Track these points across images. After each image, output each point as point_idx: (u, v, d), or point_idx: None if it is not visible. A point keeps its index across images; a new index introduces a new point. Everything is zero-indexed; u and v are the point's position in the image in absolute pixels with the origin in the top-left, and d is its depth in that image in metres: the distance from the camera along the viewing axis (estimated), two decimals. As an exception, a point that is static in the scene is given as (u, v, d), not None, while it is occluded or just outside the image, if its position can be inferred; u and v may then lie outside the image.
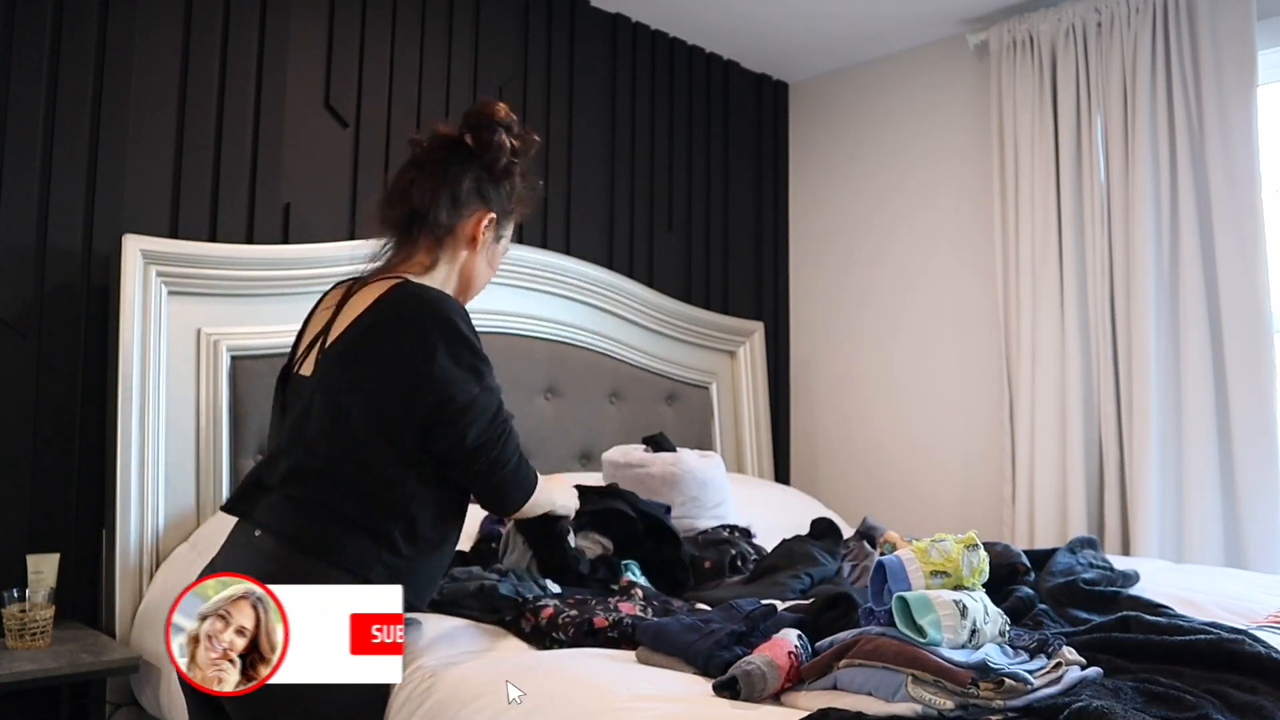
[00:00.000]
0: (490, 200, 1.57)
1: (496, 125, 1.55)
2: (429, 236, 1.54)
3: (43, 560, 2.16)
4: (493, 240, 1.60)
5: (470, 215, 1.56)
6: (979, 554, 1.33)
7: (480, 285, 1.64)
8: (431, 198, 1.53)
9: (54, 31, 2.32)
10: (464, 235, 1.56)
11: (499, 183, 1.58)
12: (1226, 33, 2.85)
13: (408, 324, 1.41)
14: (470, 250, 1.58)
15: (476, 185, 1.56)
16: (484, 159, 1.56)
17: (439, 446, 1.43)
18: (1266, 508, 2.73)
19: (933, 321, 3.61)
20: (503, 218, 1.61)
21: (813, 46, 3.75)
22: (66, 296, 2.32)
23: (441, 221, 1.53)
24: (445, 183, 1.53)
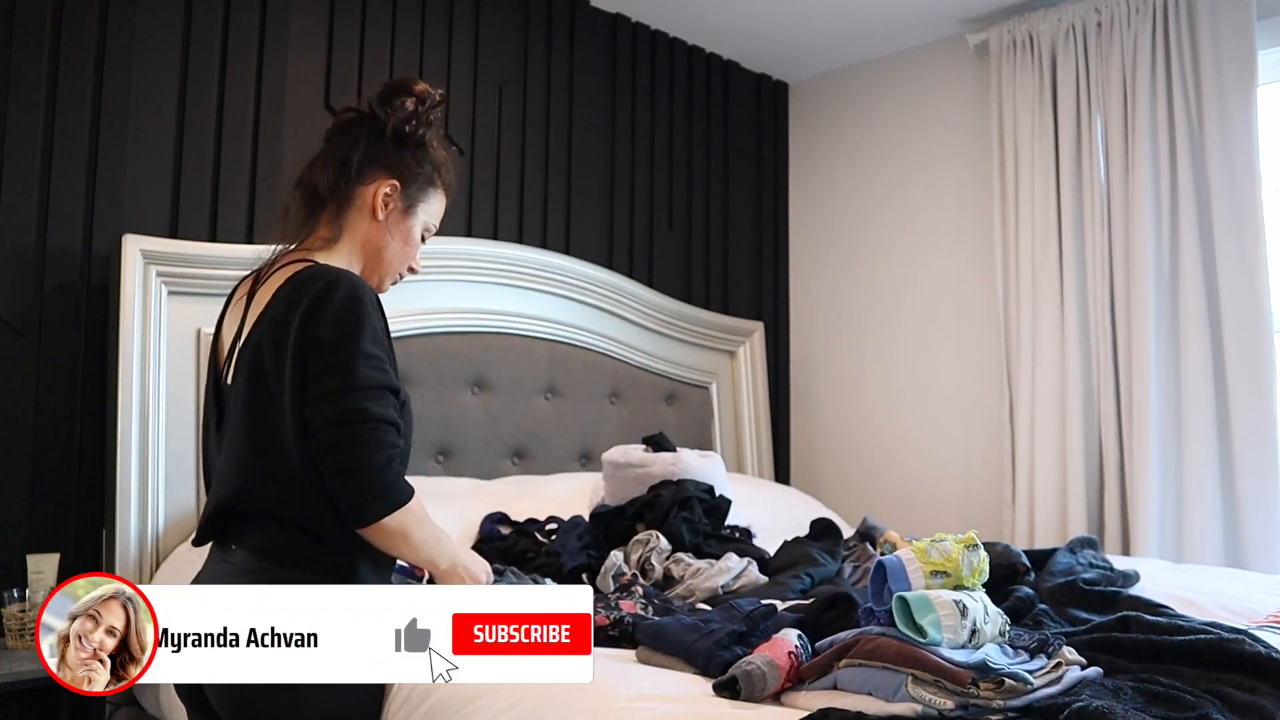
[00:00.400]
0: (391, 165, 1.46)
1: (407, 95, 1.47)
2: (328, 210, 1.45)
3: (43, 560, 2.16)
4: (401, 211, 1.47)
5: (369, 183, 1.45)
6: (979, 554, 1.33)
7: (394, 264, 1.50)
8: (324, 167, 1.45)
9: (54, 31, 2.32)
10: (363, 205, 1.45)
11: (401, 148, 1.47)
12: (1226, 33, 2.85)
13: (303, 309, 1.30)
14: (374, 221, 1.46)
15: (374, 151, 1.45)
16: (384, 124, 1.45)
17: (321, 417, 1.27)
18: (1266, 508, 2.73)
19: (933, 321, 3.61)
20: (412, 187, 1.48)
21: (813, 46, 3.75)
22: (66, 296, 2.32)
23: (331, 188, 1.44)
24: (340, 150, 1.45)
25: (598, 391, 3.21)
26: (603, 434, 3.17)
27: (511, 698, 1.30)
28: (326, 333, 1.29)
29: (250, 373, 1.33)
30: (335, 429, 1.27)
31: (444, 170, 1.53)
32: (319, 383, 1.28)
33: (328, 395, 1.28)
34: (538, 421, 3.03)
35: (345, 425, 1.27)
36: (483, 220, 3.08)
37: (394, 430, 1.31)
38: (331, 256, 1.44)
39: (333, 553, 1.33)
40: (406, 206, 1.48)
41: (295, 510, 1.32)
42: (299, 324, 1.30)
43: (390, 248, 1.48)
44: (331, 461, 1.27)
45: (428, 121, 1.49)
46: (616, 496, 2.47)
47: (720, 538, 2.30)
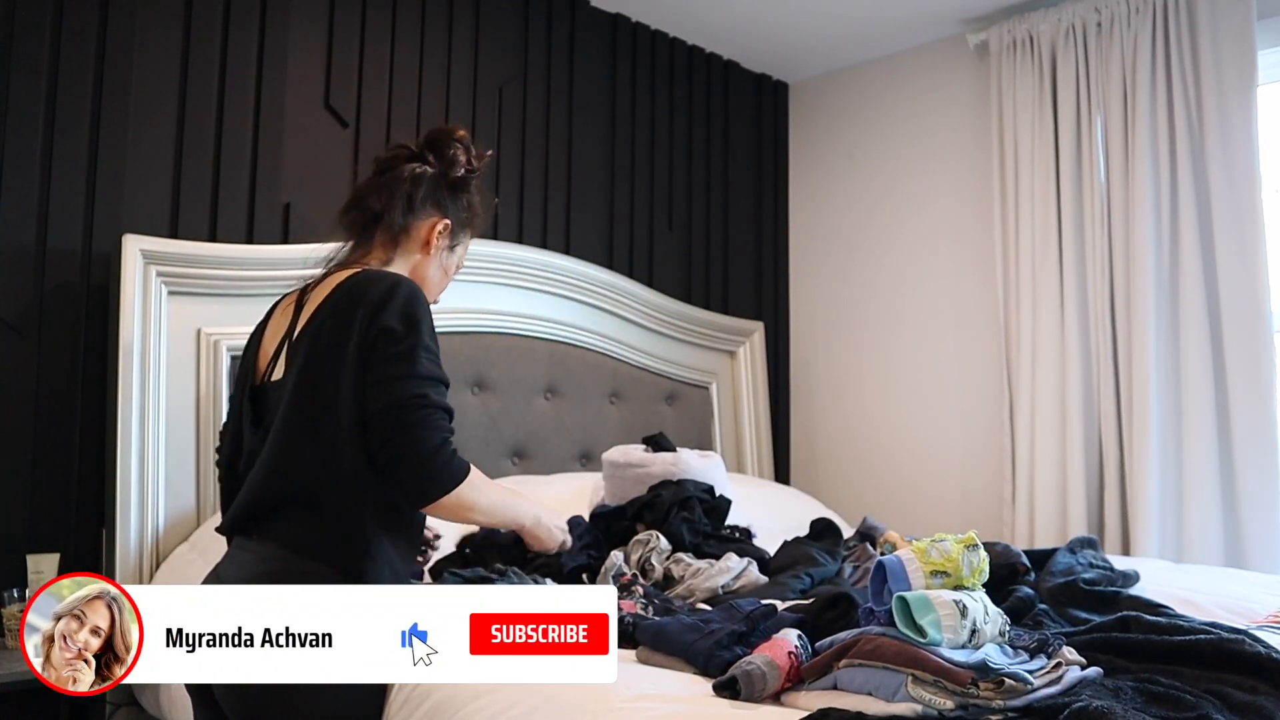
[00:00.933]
0: (446, 209, 1.62)
1: (454, 142, 1.63)
2: (385, 235, 1.59)
3: (43, 560, 2.16)
4: (446, 248, 1.64)
5: (425, 219, 1.61)
6: (979, 554, 1.33)
7: (432, 291, 1.65)
8: (388, 200, 1.58)
9: (54, 31, 2.32)
10: (418, 238, 1.60)
11: (455, 193, 1.63)
12: (1226, 33, 2.85)
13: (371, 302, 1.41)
14: (424, 254, 1.61)
15: (433, 193, 1.61)
16: (440, 169, 1.61)
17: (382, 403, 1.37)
18: (1266, 508, 2.73)
19: (933, 321, 3.61)
20: (457, 228, 1.65)
21: (813, 46, 3.75)
22: (66, 296, 2.32)
23: (397, 221, 1.58)
24: (402, 187, 1.58)
25: (598, 391, 3.21)
26: (603, 434, 3.16)
27: (512, 698, 1.30)
28: (393, 324, 1.39)
29: (306, 362, 1.41)
30: (395, 413, 1.36)
31: (479, 217, 1.70)
32: (381, 369, 1.37)
33: (389, 381, 1.37)
34: (538, 421, 3.03)
35: (404, 410, 1.36)
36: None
37: (448, 416, 1.41)
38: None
39: (357, 546, 1.38)
40: (451, 245, 1.65)
41: (334, 497, 1.38)
42: (366, 314, 1.39)
43: (432, 278, 1.64)
44: (391, 446, 1.36)
45: (476, 170, 1.66)
46: (616, 496, 2.47)
47: (720, 538, 2.30)
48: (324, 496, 1.38)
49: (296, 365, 1.42)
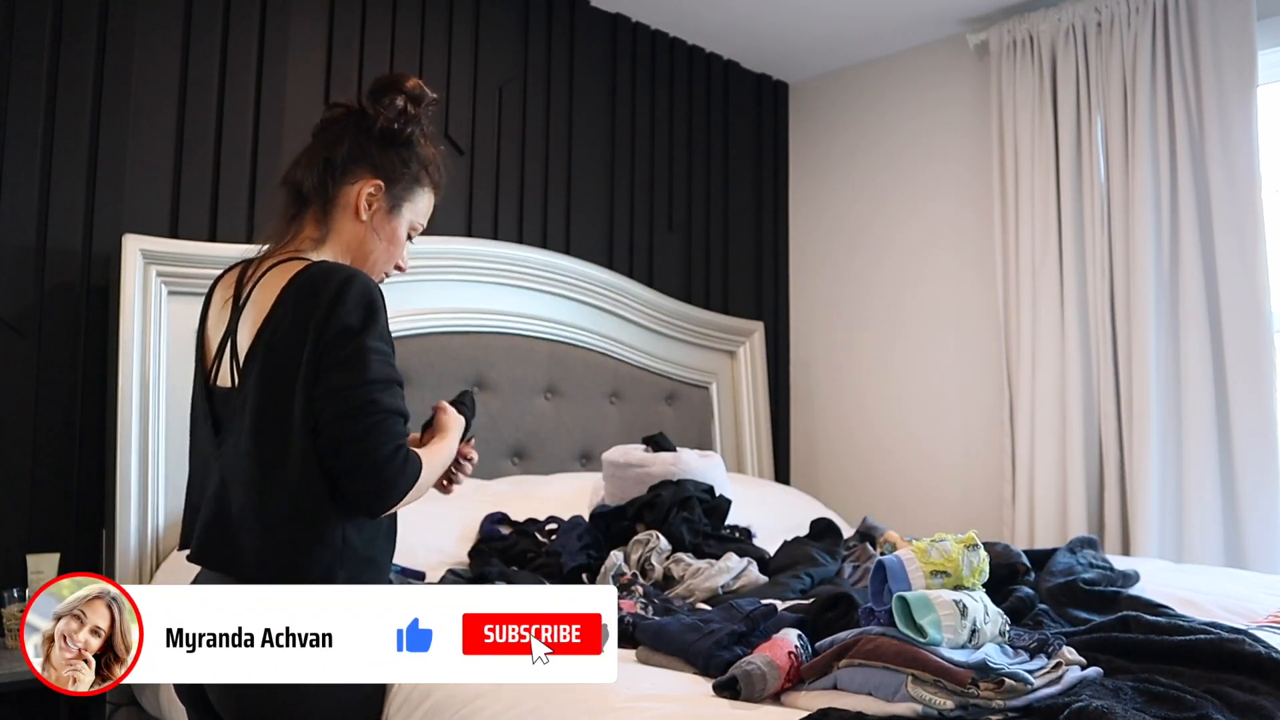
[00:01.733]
0: (376, 164, 1.44)
1: (397, 92, 1.44)
2: (313, 209, 1.43)
3: (43, 560, 2.16)
4: (386, 211, 1.45)
5: (353, 183, 1.43)
6: (979, 554, 1.33)
7: (379, 263, 1.48)
8: (309, 166, 1.43)
9: (54, 31, 2.32)
10: (347, 204, 1.43)
11: (387, 148, 1.44)
12: (1226, 33, 2.85)
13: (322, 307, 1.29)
14: (357, 221, 1.44)
15: (358, 150, 1.43)
16: (370, 122, 1.44)
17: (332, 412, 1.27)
18: (1266, 508, 2.73)
19: (933, 321, 3.61)
20: (397, 186, 1.45)
21: (813, 46, 3.75)
22: (66, 296, 2.32)
23: (316, 188, 1.42)
24: (324, 149, 1.43)
25: (598, 391, 3.21)
26: (603, 434, 3.17)
27: (511, 698, 1.30)
28: (341, 327, 1.29)
29: (262, 377, 1.31)
30: (346, 423, 1.27)
31: (432, 168, 1.50)
32: (329, 377, 1.28)
33: (339, 390, 1.27)
34: (538, 421, 3.03)
35: (355, 418, 1.27)
36: (483, 220, 3.08)
37: (401, 420, 1.31)
38: (319, 254, 1.43)
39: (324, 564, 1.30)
40: (391, 206, 1.46)
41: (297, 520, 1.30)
42: (317, 321, 1.29)
43: (376, 248, 1.46)
44: (342, 458, 1.27)
45: (415, 119, 1.47)
46: (616, 496, 2.47)
47: (720, 538, 2.31)
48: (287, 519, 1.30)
49: (253, 381, 1.31)
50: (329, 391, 1.28)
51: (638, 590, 1.81)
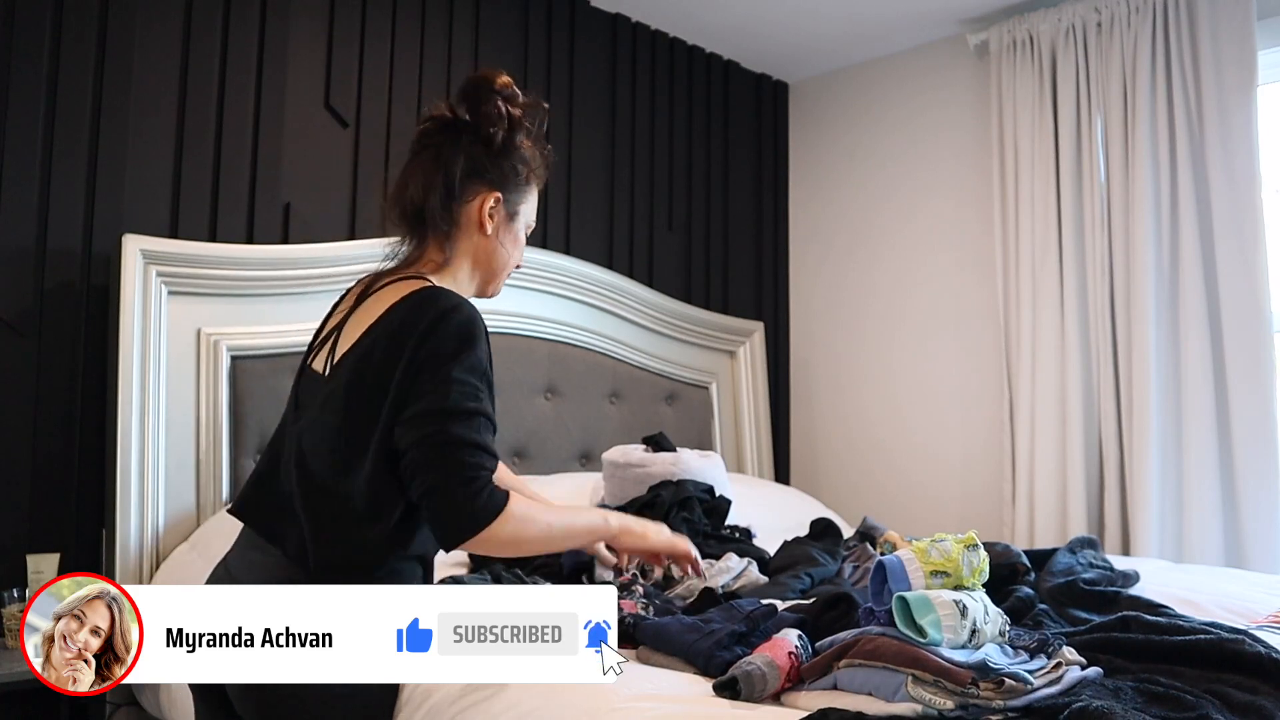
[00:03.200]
0: (493, 178, 1.44)
1: (493, 94, 1.43)
2: (435, 231, 1.43)
3: (43, 560, 2.16)
4: (506, 219, 1.47)
5: (473, 199, 1.44)
6: (979, 554, 1.33)
7: (507, 269, 1.52)
8: (426, 190, 1.42)
9: (54, 31, 2.32)
10: (471, 222, 1.44)
11: (499, 158, 1.45)
12: (1226, 33, 2.85)
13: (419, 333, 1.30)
14: (483, 236, 1.45)
15: (473, 166, 1.43)
16: (478, 134, 1.43)
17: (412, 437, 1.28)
18: (1266, 508, 2.73)
19: (933, 321, 3.61)
20: (513, 194, 1.47)
21: (813, 46, 3.75)
22: (66, 296, 2.32)
23: (440, 214, 1.42)
24: (439, 169, 1.42)
25: (598, 391, 3.21)
26: (603, 434, 3.17)
27: (512, 698, 1.30)
28: (430, 356, 1.29)
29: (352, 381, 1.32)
30: (423, 450, 1.27)
31: (536, 165, 1.51)
32: (414, 404, 1.28)
33: (419, 417, 1.27)
34: (538, 421, 3.03)
35: (432, 448, 1.26)
36: (483, 220, 3.08)
37: (482, 453, 1.29)
38: (445, 277, 1.44)
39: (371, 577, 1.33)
40: (510, 214, 1.48)
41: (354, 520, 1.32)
42: (413, 345, 1.29)
43: (501, 256, 1.49)
44: (418, 483, 1.27)
45: (519, 122, 1.47)
46: (616, 496, 2.47)
47: (720, 538, 2.30)
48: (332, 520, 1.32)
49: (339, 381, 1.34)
50: (409, 419, 1.28)
51: (638, 590, 1.81)
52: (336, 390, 1.34)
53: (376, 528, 1.32)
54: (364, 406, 1.31)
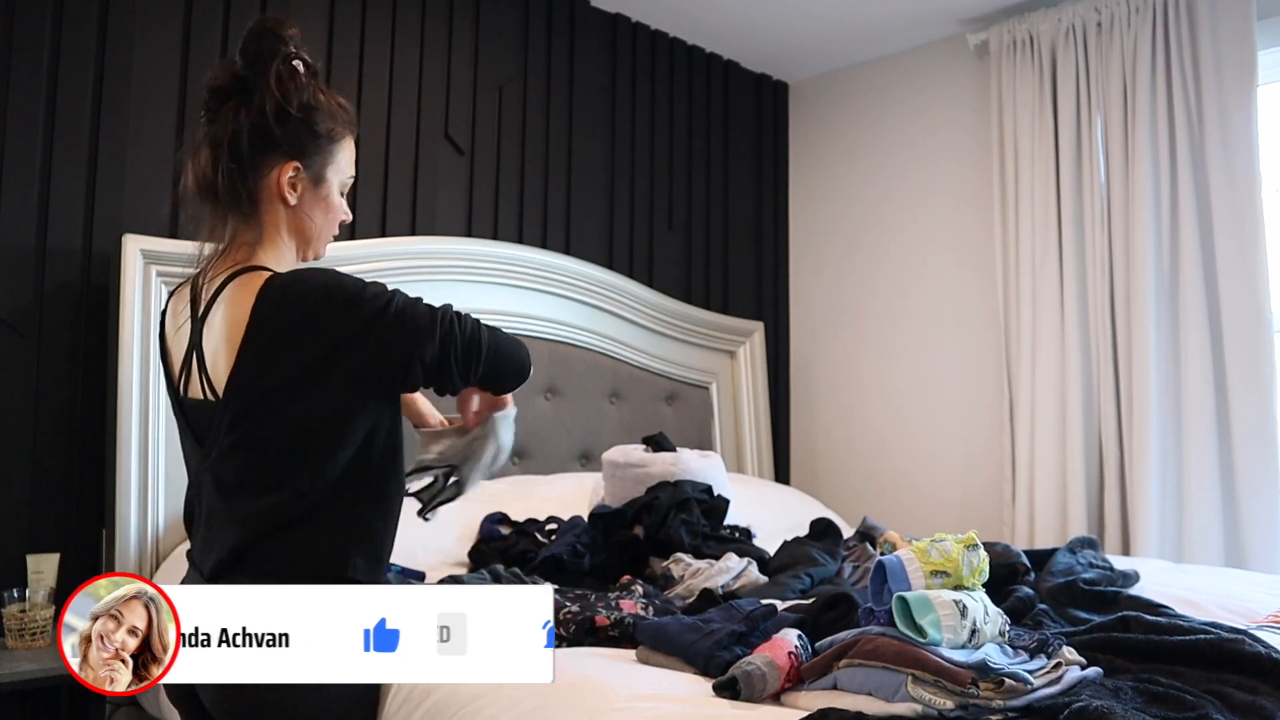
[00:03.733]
0: (281, 147, 1.33)
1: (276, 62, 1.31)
2: (238, 212, 1.33)
3: (43, 560, 2.16)
4: (311, 186, 1.37)
5: (266, 173, 1.33)
6: (979, 554, 1.33)
7: (323, 234, 1.42)
8: (212, 168, 1.31)
9: (54, 31, 2.32)
10: (270, 196, 1.34)
11: (286, 124, 1.32)
12: (1226, 33, 2.85)
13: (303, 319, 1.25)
14: (287, 207, 1.36)
15: (258, 138, 1.31)
16: (257, 103, 1.31)
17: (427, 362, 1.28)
18: (1266, 508, 2.73)
19: (933, 321, 3.61)
20: (313, 159, 1.36)
21: (813, 46, 3.75)
22: (66, 296, 2.32)
23: (230, 194, 1.31)
24: (220, 146, 1.31)
25: (598, 391, 3.21)
26: (603, 434, 3.17)
27: (511, 698, 1.30)
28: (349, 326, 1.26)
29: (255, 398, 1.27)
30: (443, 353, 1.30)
31: (341, 116, 1.40)
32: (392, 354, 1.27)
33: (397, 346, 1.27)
34: (538, 421, 3.03)
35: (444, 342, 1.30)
36: (483, 220, 3.08)
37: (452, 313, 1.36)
38: (264, 255, 1.36)
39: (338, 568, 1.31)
40: (315, 180, 1.37)
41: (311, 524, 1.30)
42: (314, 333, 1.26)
43: (314, 223, 1.40)
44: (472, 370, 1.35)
45: (307, 83, 1.35)
46: (616, 496, 2.47)
47: (720, 538, 2.30)
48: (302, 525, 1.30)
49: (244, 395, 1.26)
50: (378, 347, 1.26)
51: (638, 590, 1.81)
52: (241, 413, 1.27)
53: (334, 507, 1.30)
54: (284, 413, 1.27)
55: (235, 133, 1.31)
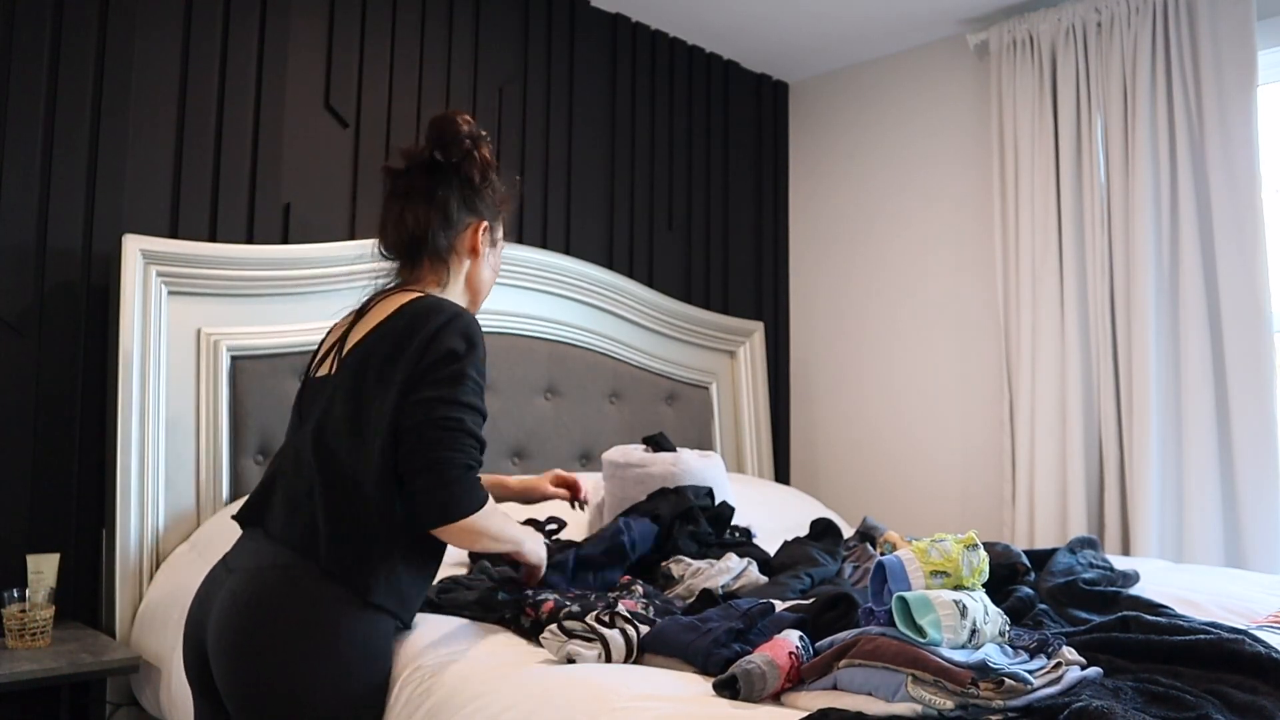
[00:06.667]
0: (478, 210, 1.65)
1: (463, 138, 1.61)
2: (433, 257, 1.61)
3: (43, 560, 2.16)
4: (489, 245, 1.68)
5: (465, 229, 1.64)
6: (979, 554, 1.33)
7: (488, 290, 1.72)
8: (425, 222, 1.60)
9: (54, 31, 2.32)
10: (464, 249, 1.64)
11: (480, 192, 1.65)
12: (1226, 33, 2.85)
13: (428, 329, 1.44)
14: (473, 260, 1.66)
15: (462, 200, 1.63)
16: (461, 175, 1.62)
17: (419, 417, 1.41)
18: (1266, 508, 2.73)
19: (933, 321, 3.61)
20: (493, 222, 1.69)
21: (813, 46, 3.75)
22: (66, 296, 2.32)
23: (441, 244, 1.61)
24: (434, 206, 1.60)
25: (598, 391, 3.21)
26: (603, 434, 3.17)
27: (511, 698, 1.30)
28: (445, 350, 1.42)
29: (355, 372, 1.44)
30: (427, 430, 1.38)
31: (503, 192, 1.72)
32: (425, 389, 1.40)
33: (429, 401, 1.39)
34: (538, 421, 3.03)
35: (437, 429, 1.38)
36: (483, 220, 3.08)
37: (478, 446, 1.44)
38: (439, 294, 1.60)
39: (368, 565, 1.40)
40: (494, 239, 1.70)
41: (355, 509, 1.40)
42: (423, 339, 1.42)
43: (486, 278, 1.70)
44: (415, 461, 1.38)
45: (492, 164, 1.67)
46: (616, 496, 2.47)
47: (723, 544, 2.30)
48: (346, 507, 1.40)
49: (346, 372, 1.46)
50: (420, 401, 1.40)
51: (638, 590, 1.81)
52: (343, 383, 1.45)
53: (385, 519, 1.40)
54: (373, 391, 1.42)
55: (445, 198, 1.61)
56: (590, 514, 2.59)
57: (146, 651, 2.08)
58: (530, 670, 1.39)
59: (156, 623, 2.09)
